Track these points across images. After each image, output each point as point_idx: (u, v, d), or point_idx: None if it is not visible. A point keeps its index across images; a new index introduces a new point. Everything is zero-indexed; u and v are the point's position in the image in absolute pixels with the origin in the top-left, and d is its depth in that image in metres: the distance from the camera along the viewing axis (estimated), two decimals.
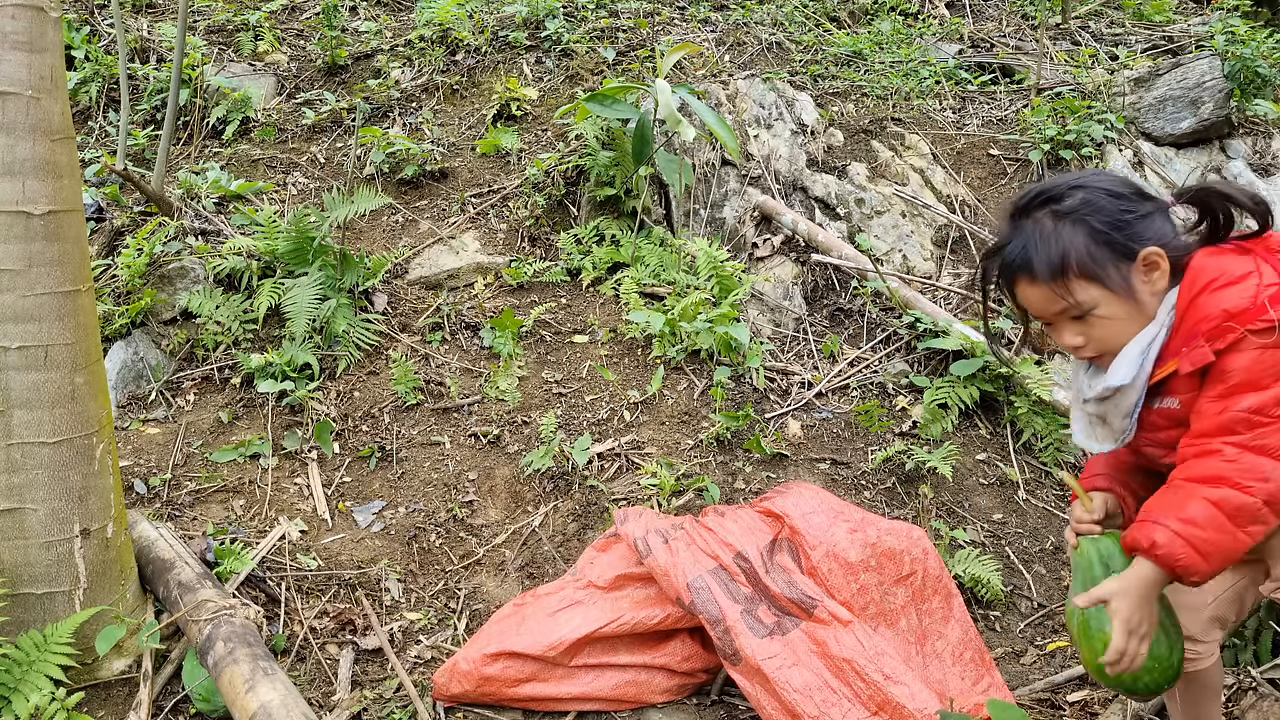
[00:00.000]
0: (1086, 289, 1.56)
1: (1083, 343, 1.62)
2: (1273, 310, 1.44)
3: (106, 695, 2.21)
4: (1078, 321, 1.60)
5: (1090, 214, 1.56)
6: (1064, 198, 1.58)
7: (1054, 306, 1.60)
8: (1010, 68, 5.52)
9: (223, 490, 2.95)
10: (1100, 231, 1.55)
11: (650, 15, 5.68)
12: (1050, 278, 1.56)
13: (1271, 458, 1.46)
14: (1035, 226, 1.59)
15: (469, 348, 3.68)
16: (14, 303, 2.01)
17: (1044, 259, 1.56)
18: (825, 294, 4.04)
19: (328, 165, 4.62)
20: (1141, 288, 1.56)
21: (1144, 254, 1.55)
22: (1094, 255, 1.54)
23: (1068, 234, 1.56)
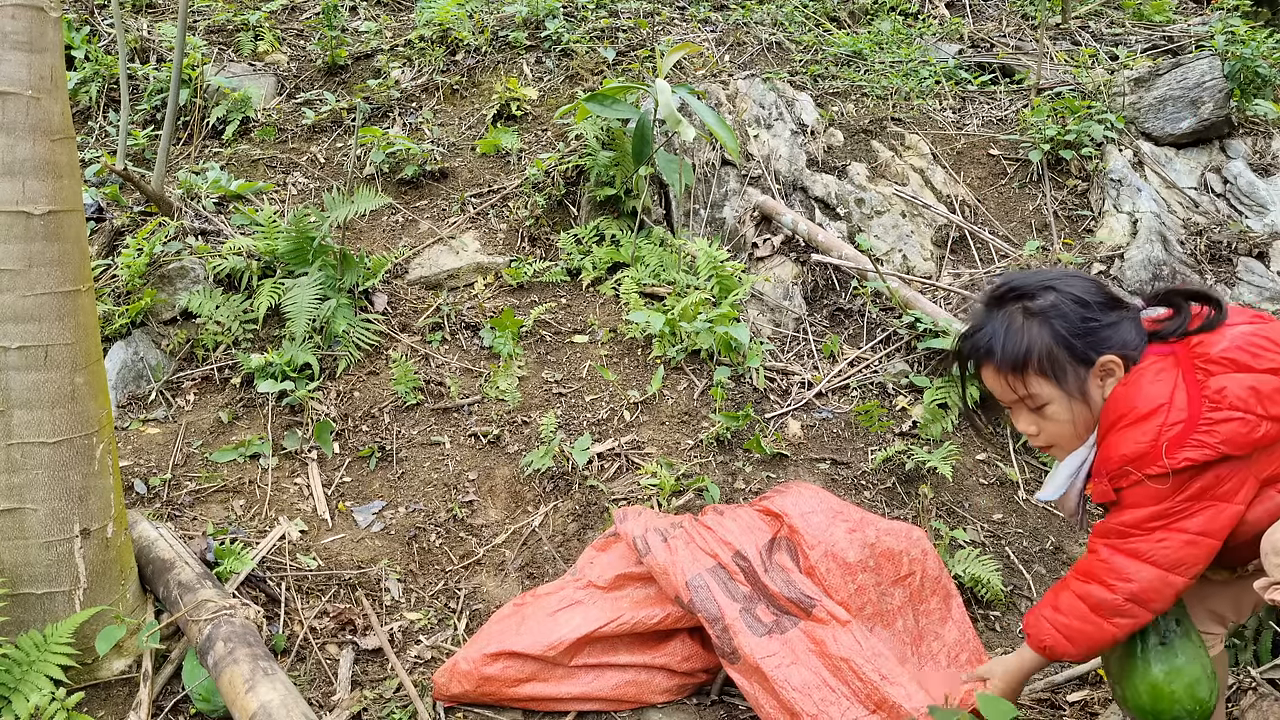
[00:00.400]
0: (1042, 385, 1.66)
1: (1035, 432, 1.74)
2: (1167, 458, 1.54)
3: (106, 695, 2.21)
4: (1033, 412, 1.71)
5: (1056, 317, 1.65)
6: (1035, 296, 1.68)
7: (1010, 396, 1.72)
8: (1010, 68, 5.52)
9: (223, 490, 2.95)
10: (1063, 336, 1.63)
11: (650, 15, 5.69)
12: (1010, 370, 1.67)
13: (1140, 560, 1.61)
14: (1005, 319, 1.69)
15: (469, 348, 3.68)
16: (14, 303, 2.01)
17: (1008, 352, 1.67)
18: (825, 294, 4.04)
19: (328, 165, 4.62)
20: (1094, 392, 1.66)
21: (1101, 361, 1.63)
22: (1053, 356, 1.64)
23: (1034, 332, 1.65)
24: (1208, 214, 4.40)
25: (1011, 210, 4.45)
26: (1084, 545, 3.02)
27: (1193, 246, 4.17)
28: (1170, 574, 1.60)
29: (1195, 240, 4.20)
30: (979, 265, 4.16)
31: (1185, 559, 1.60)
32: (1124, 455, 1.59)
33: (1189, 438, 1.54)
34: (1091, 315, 1.65)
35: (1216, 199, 4.50)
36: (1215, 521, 1.58)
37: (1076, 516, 1.82)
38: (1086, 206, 4.44)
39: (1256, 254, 4.12)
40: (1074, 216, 4.40)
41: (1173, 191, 4.49)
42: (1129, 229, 4.20)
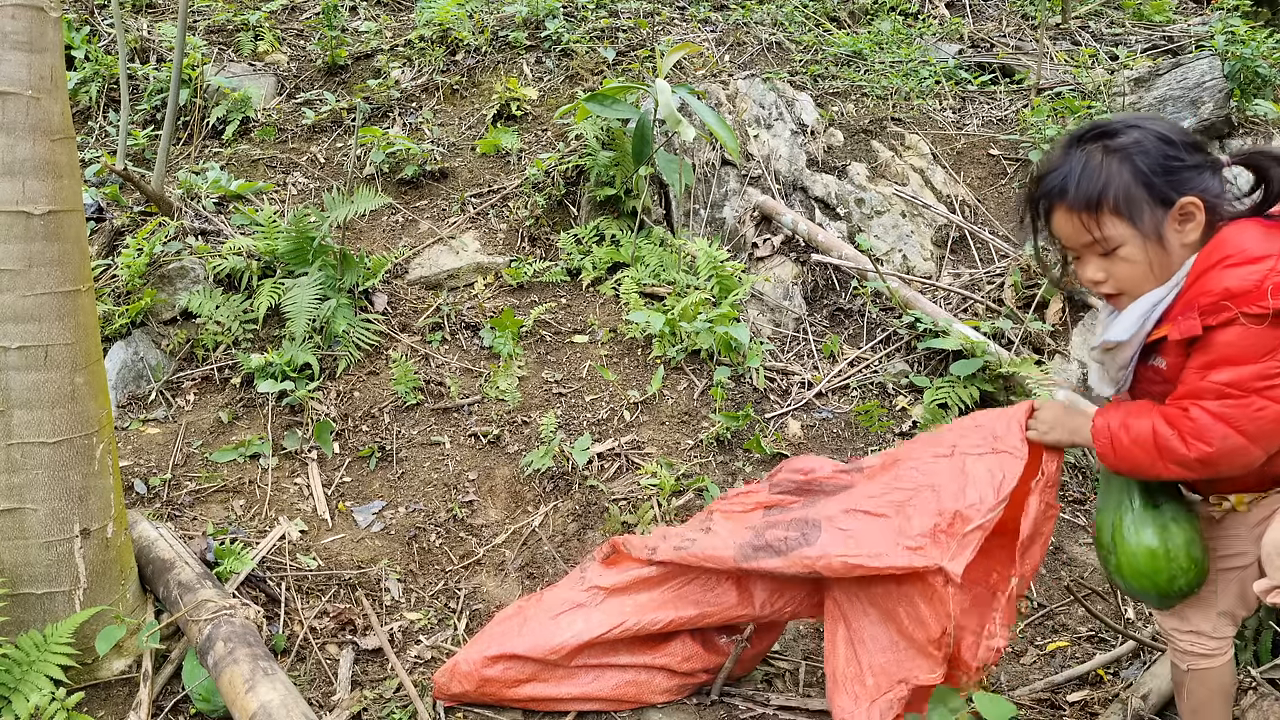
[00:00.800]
0: (1116, 225, 1.58)
1: (1103, 279, 1.65)
2: (1272, 299, 1.45)
3: (106, 695, 2.21)
4: (1103, 258, 1.63)
5: (1138, 154, 1.56)
6: (1117, 134, 1.59)
7: (1082, 238, 1.62)
8: (1010, 68, 5.52)
9: (223, 490, 2.95)
10: (1143, 172, 1.55)
11: (650, 15, 5.68)
12: (1084, 208, 1.59)
13: (1229, 427, 1.52)
14: (1083, 157, 1.60)
15: (469, 348, 3.68)
16: (14, 303, 2.01)
17: (1082, 189, 1.58)
18: (825, 294, 4.04)
19: (328, 165, 4.62)
20: (1172, 236, 1.58)
21: (1181, 203, 1.55)
22: (1131, 194, 1.56)
23: (1112, 168, 1.57)
24: None
25: (1011, 210, 4.45)
26: (1086, 543, 3.02)
27: None
28: (1253, 445, 1.53)
29: None
30: (979, 265, 4.16)
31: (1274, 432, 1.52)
32: (1227, 289, 1.49)
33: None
34: (1175, 154, 1.57)
35: None
36: None
37: (1126, 370, 1.71)
38: None
39: None
40: None
41: None
42: None
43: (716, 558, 2.16)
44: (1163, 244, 1.58)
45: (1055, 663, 2.58)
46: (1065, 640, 2.64)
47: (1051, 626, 2.72)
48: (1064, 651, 2.61)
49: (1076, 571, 2.91)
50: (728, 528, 2.22)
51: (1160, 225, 1.57)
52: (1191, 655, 1.84)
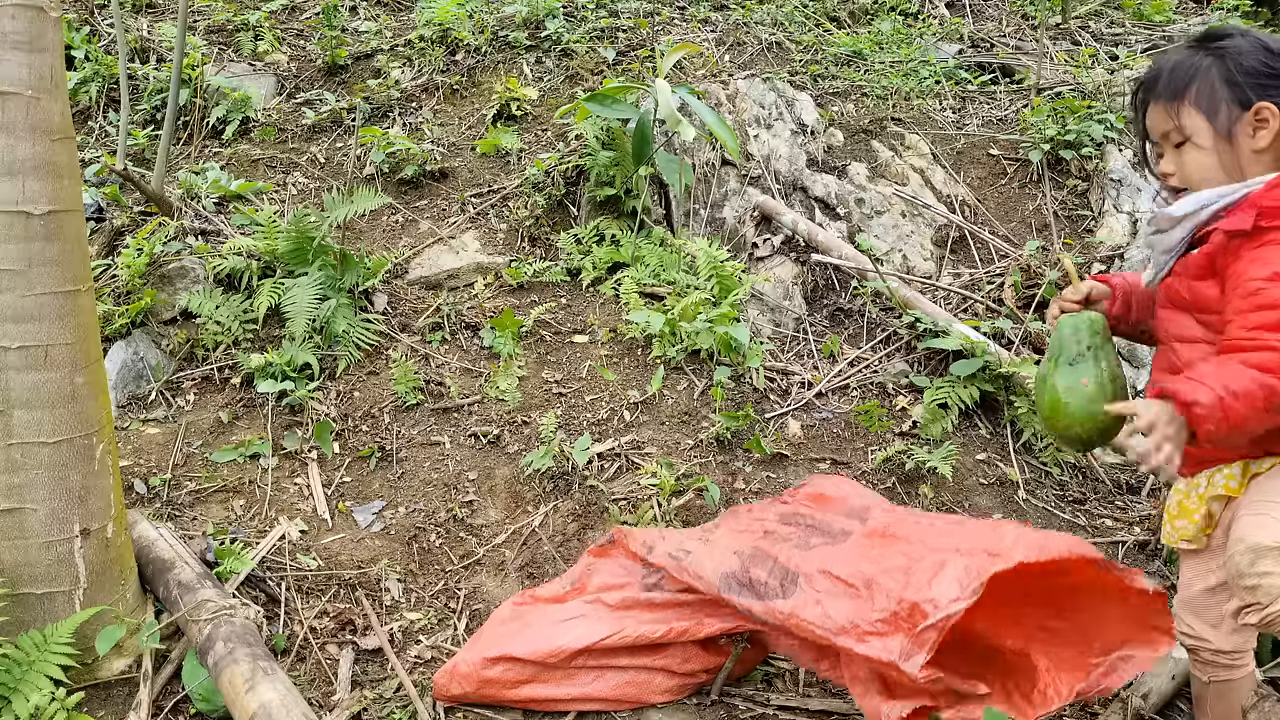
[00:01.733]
0: (1193, 118, 1.62)
1: (1173, 170, 1.69)
2: None
3: (106, 695, 2.21)
4: (1177, 149, 1.67)
5: (1233, 54, 1.60)
6: (1225, 37, 1.63)
7: (1163, 126, 1.67)
8: (1010, 68, 5.52)
9: (223, 490, 2.95)
10: (1230, 71, 1.59)
11: (650, 15, 5.69)
12: (1168, 97, 1.64)
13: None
14: (1188, 54, 1.65)
15: (469, 348, 3.68)
16: (14, 303, 2.01)
17: (1172, 80, 1.64)
18: (825, 294, 4.04)
19: (328, 165, 4.62)
20: (1243, 139, 1.60)
21: (1257, 106, 1.58)
22: (1213, 90, 1.60)
23: (1204, 65, 1.61)
24: None
25: (1011, 210, 4.45)
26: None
27: None
28: None
29: None
30: (979, 265, 4.16)
31: None
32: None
33: None
34: (1271, 62, 1.58)
35: None
36: None
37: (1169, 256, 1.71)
38: (1087, 206, 4.44)
39: None
40: (1074, 216, 4.40)
41: None
42: (1129, 229, 4.20)
43: (704, 580, 2.15)
44: (1232, 143, 1.60)
45: None
46: None
47: None
48: None
49: None
50: (724, 544, 2.21)
51: (1234, 124, 1.59)
52: (1216, 667, 1.82)
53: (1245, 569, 1.50)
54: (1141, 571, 1.77)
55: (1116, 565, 1.78)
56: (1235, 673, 1.83)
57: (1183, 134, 1.64)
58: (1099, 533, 3.08)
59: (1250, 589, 1.49)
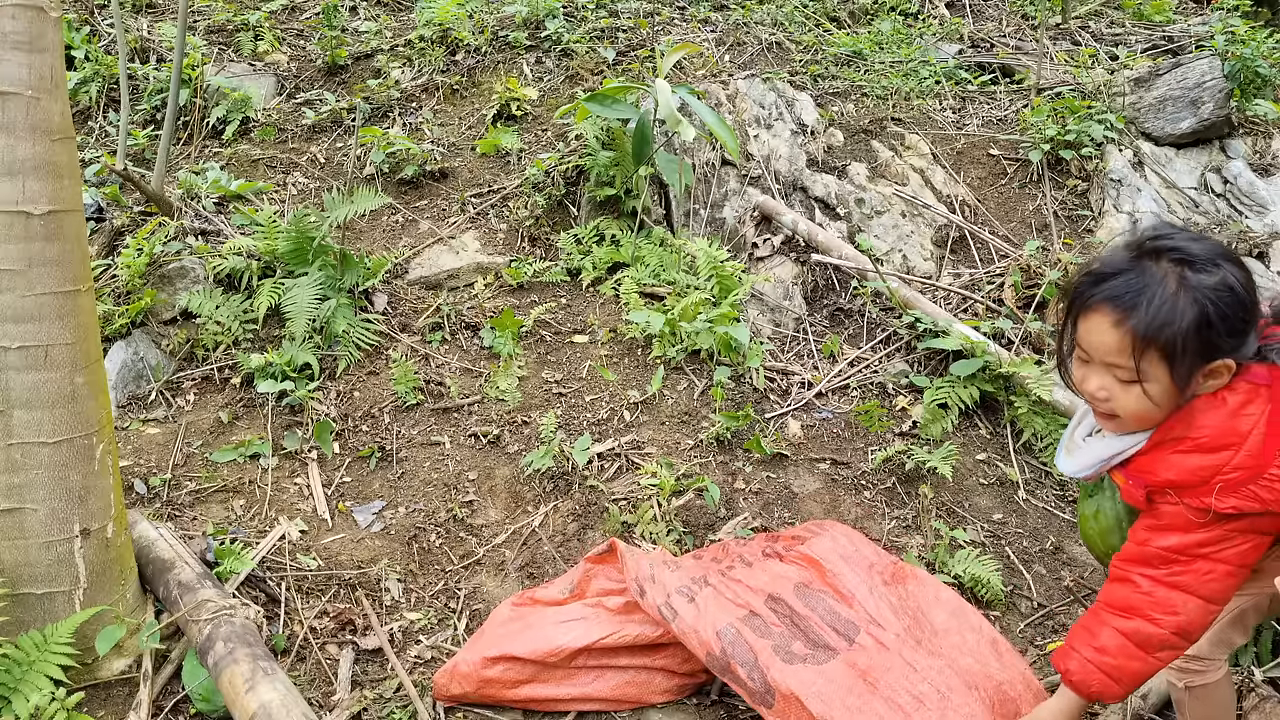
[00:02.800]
0: (1156, 364, 1.47)
1: (1106, 398, 1.55)
2: (1216, 500, 1.46)
3: (106, 695, 2.21)
4: (1120, 383, 1.52)
5: (1212, 301, 1.44)
6: (1200, 269, 1.46)
7: (1113, 358, 1.51)
8: (1010, 68, 5.52)
9: (223, 490, 2.95)
10: (1207, 324, 1.44)
11: (650, 15, 5.69)
12: (1139, 335, 1.46)
13: (1185, 593, 1.54)
14: (1159, 279, 1.46)
15: (469, 348, 3.68)
16: (14, 303, 2.01)
17: (1147, 316, 1.45)
18: (825, 294, 4.04)
19: (328, 165, 4.62)
20: (1193, 390, 1.50)
21: (1219, 363, 1.47)
22: (1186, 342, 1.44)
23: (1182, 308, 1.44)
24: (1208, 214, 4.40)
25: (1011, 210, 4.45)
26: (1083, 545, 3.02)
27: None
28: (1210, 604, 1.53)
29: None
30: (979, 265, 4.16)
31: (1227, 589, 1.53)
32: (1170, 480, 1.50)
33: (1245, 488, 1.45)
34: (1244, 315, 1.47)
35: (1216, 199, 4.50)
36: (1257, 552, 1.52)
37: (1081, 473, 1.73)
38: (1086, 206, 4.44)
39: (1256, 254, 4.12)
40: (1074, 216, 4.40)
41: (1173, 191, 4.49)
42: (1129, 229, 4.20)
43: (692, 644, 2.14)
44: (1182, 394, 1.50)
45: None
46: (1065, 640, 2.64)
47: (1051, 626, 2.72)
48: None
49: (1077, 571, 2.91)
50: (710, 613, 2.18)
51: (1191, 377, 1.48)
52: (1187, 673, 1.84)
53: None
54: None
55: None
56: (1209, 676, 1.84)
57: (1137, 375, 1.49)
58: None
59: None
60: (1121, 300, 1.48)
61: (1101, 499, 1.78)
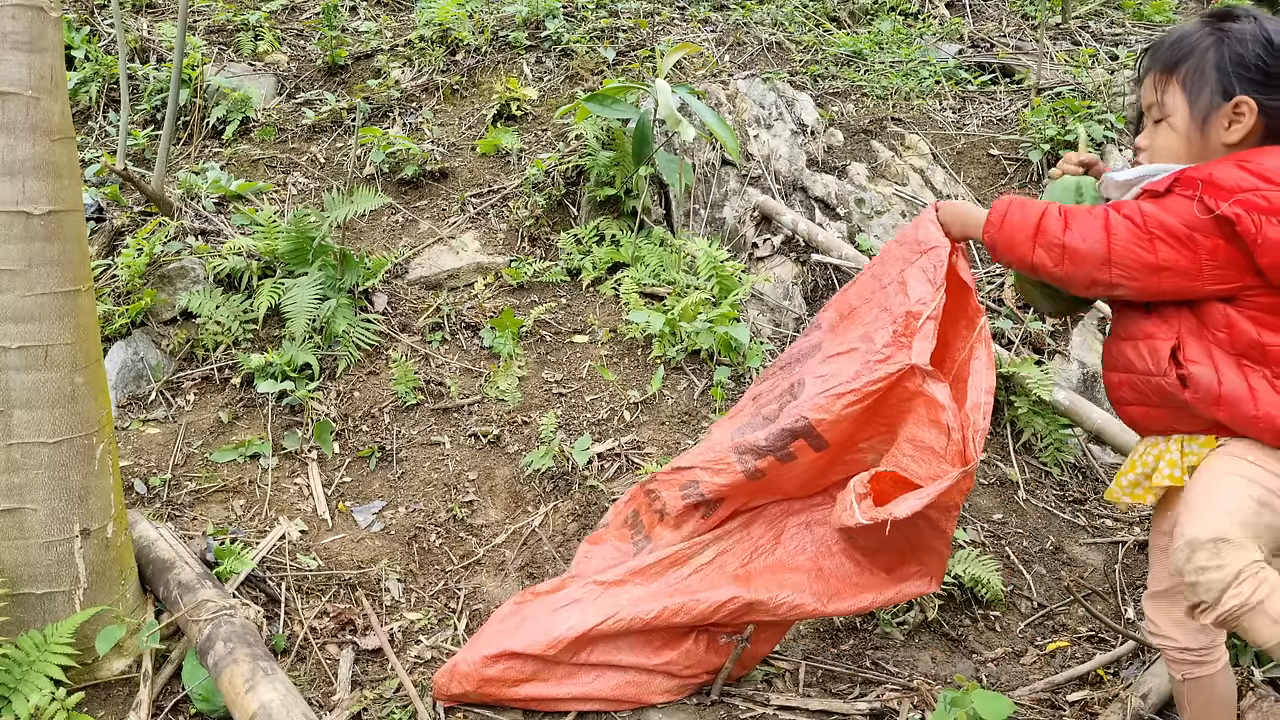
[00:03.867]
0: (1176, 96, 1.60)
1: (1146, 145, 1.69)
2: (1228, 205, 1.47)
3: (106, 695, 2.21)
4: (1155, 125, 1.66)
5: (1234, 41, 1.55)
6: (1233, 19, 1.58)
7: (1149, 98, 1.66)
8: (1010, 68, 5.52)
9: (223, 490, 2.95)
10: (1227, 60, 1.55)
11: (650, 15, 5.69)
12: (1161, 69, 1.62)
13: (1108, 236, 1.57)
14: (1192, 30, 1.61)
15: (469, 348, 3.68)
16: (14, 303, 2.01)
17: (1168, 53, 1.62)
18: (825, 294, 4.04)
19: (328, 165, 4.62)
20: (1216, 129, 1.57)
21: (1236, 99, 1.54)
22: (1202, 73, 1.56)
23: (1203, 45, 1.57)
24: None
25: None
26: (1087, 543, 3.02)
27: None
28: (1111, 268, 1.58)
29: None
30: (979, 265, 4.16)
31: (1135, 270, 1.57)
32: (1208, 177, 1.51)
33: (1253, 211, 1.47)
34: (1269, 58, 1.53)
35: None
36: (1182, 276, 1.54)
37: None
38: None
39: None
40: None
41: None
42: None
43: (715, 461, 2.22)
44: (1204, 131, 1.58)
45: (1055, 663, 2.58)
46: (1065, 640, 2.65)
47: (1051, 626, 2.73)
48: (1064, 651, 2.62)
49: (1076, 571, 2.91)
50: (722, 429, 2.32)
51: (1210, 112, 1.56)
52: (1184, 664, 1.81)
53: (1184, 565, 1.47)
54: None
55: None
56: (1206, 668, 1.79)
57: (1163, 111, 1.63)
58: (1099, 532, 3.08)
59: (1191, 586, 1.46)
60: (1154, 49, 1.66)
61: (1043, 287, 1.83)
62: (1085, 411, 3.22)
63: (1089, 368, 3.62)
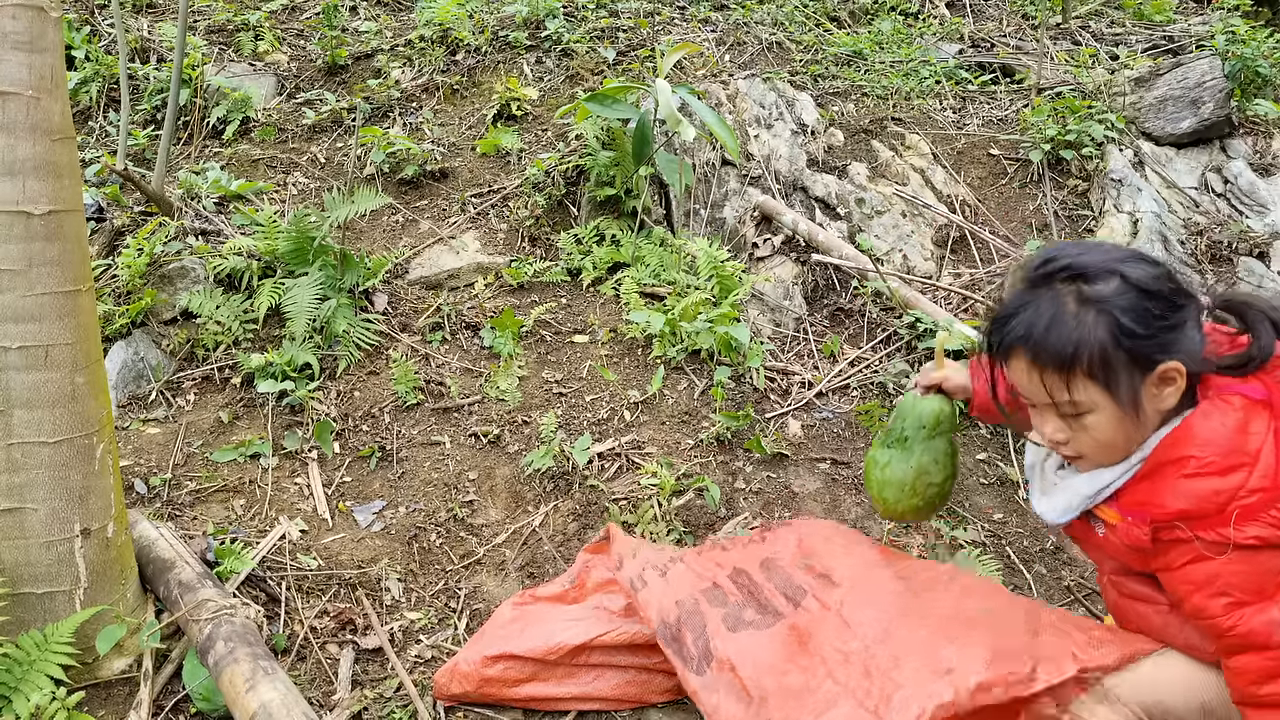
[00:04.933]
0: (1089, 391, 1.37)
1: (1065, 439, 1.46)
2: (1235, 529, 1.30)
3: (107, 695, 2.21)
4: (1065, 419, 1.44)
5: (1118, 308, 1.34)
6: (1095, 279, 1.36)
7: (1043, 398, 1.43)
8: (1010, 68, 5.52)
9: (223, 490, 2.95)
10: (1126, 331, 1.34)
11: (650, 15, 5.69)
12: (1053, 368, 1.37)
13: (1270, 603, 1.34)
14: (1054, 304, 1.38)
15: (469, 348, 3.68)
16: (14, 303, 2.01)
17: (1052, 345, 1.36)
18: (825, 294, 4.04)
19: (328, 165, 4.62)
20: (1148, 403, 1.38)
21: (1163, 369, 1.36)
22: (1108, 357, 1.34)
23: (1089, 325, 1.34)
24: (1208, 214, 4.40)
25: (1012, 210, 4.45)
26: None
27: (1193, 246, 4.18)
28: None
29: (1196, 240, 4.20)
30: (979, 265, 4.16)
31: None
32: (1182, 511, 1.34)
33: (1267, 511, 1.30)
34: (1161, 311, 1.35)
35: (1217, 199, 4.50)
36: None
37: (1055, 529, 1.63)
38: (1087, 206, 4.44)
39: (1257, 254, 4.13)
40: (1074, 216, 4.40)
41: (1173, 191, 4.49)
42: (1129, 229, 4.20)
43: (648, 619, 2.12)
44: (1138, 411, 1.38)
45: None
46: None
47: None
48: None
49: (1077, 571, 2.91)
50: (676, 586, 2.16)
51: (1138, 392, 1.37)
52: None
53: None
54: None
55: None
56: None
57: (1077, 408, 1.40)
58: None
59: None
60: (1028, 338, 1.39)
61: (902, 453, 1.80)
62: None
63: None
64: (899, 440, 1.86)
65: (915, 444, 1.84)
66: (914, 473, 1.82)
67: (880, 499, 1.93)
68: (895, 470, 1.86)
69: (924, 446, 1.83)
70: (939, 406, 1.81)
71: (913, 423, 1.82)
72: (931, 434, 1.80)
